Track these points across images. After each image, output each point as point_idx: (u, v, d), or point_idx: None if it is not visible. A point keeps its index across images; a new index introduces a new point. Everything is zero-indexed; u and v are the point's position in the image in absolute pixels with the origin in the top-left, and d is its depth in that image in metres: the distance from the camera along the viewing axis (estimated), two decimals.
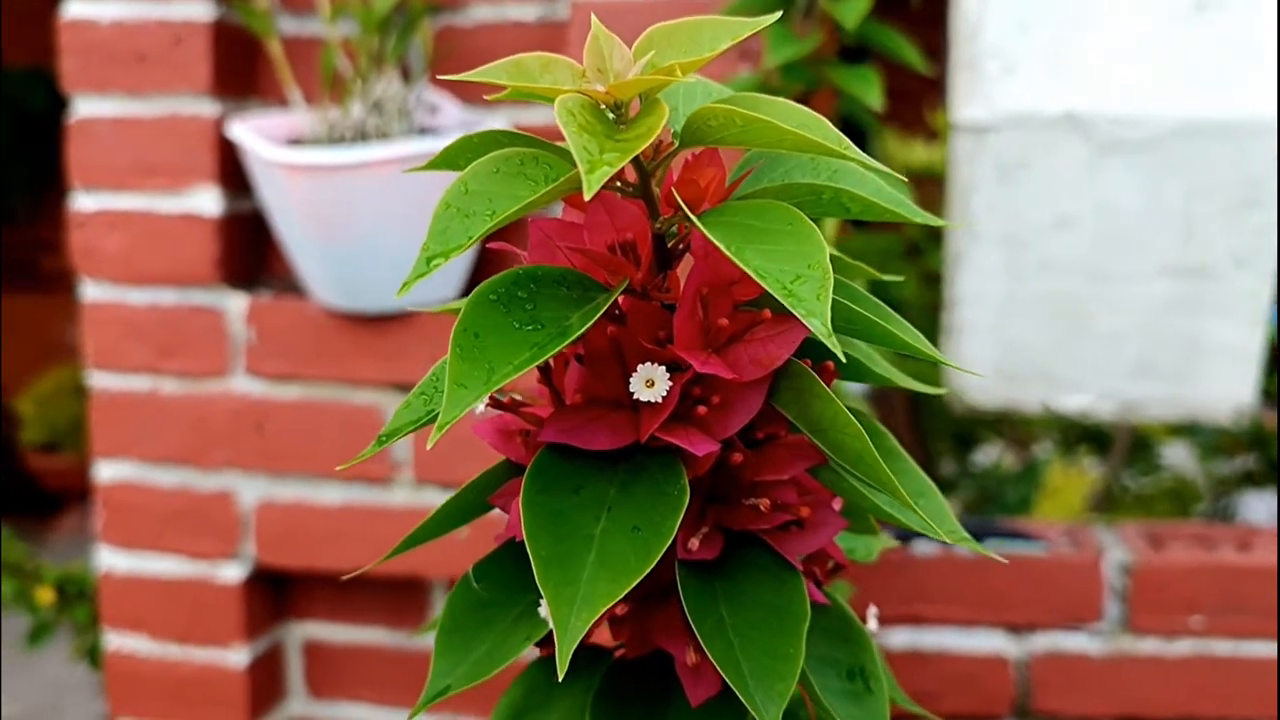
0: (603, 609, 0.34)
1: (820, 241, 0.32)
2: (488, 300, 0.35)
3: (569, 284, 0.36)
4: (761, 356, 0.36)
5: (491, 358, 0.34)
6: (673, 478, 0.36)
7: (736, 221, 0.34)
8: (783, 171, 0.38)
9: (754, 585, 0.39)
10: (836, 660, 0.43)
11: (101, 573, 1.18)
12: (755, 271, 0.31)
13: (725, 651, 0.37)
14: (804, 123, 0.34)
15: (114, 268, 1.13)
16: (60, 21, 1.11)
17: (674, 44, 0.35)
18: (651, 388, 0.36)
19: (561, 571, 0.34)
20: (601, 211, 0.36)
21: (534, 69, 0.34)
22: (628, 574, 0.35)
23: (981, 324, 1.19)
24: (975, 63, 1.14)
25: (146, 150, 1.11)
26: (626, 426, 0.37)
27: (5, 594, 1.26)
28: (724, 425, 0.37)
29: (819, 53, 0.97)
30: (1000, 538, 1.20)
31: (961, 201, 1.16)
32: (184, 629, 1.17)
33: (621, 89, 0.33)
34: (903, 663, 1.18)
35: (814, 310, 0.30)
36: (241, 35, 1.11)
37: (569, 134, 0.30)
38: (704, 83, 0.39)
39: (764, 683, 0.37)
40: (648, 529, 0.35)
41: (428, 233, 0.33)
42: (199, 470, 1.15)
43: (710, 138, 0.35)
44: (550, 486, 0.36)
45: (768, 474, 0.38)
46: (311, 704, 1.23)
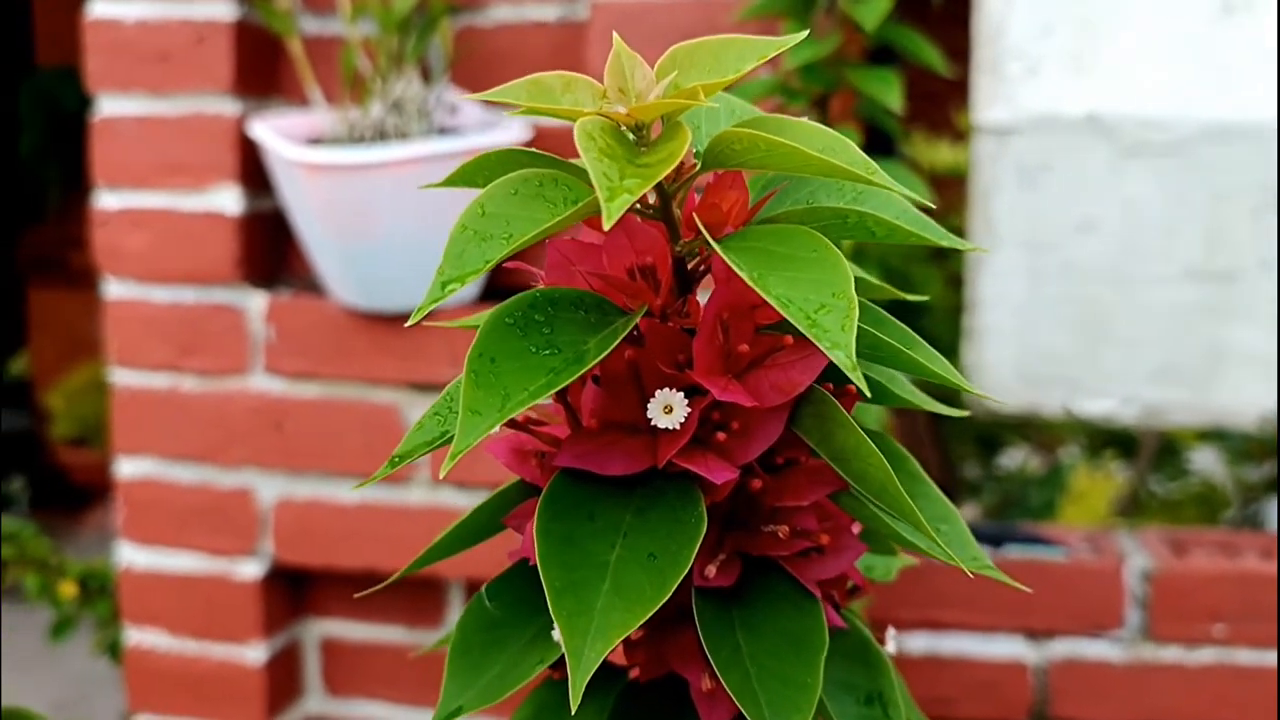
0: (617, 639, 0.34)
1: (846, 270, 0.32)
2: (504, 324, 0.34)
3: (587, 307, 0.35)
4: (783, 383, 0.35)
5: (507, 384, 0.33)
6: (690, 505, 0.36)
7: (759, 247, 0.33)
8: (807, 193, 0.37)
9: (772, 613, 0.39)
10: (854, 685, 0.43)
11: (121, 568, 1.19)
12: (777, 301, 0.30)
13: (742, 681, 0.37)
14: (829, 146, 0.33)
15: (136, 266, 1.13)
16: (85, 21, 1.12)
17: (697, 63, 0.34)
18: (670, 414, 0.35)
19: (575, 601, 0.34)
20: (621, 234, 0.35)
21: (555, 88, 0.34)
22: (643, 603, 0.34)
23: (1003, 327, 1.18)
24: (998, 64, 1.13)
25: (169, 149, 1.11)
26: (643, 452, 0.37)
27: (29, 588, 1.27)
28: (744, 451, 0.36)
29: (839, 54, 0.96)
30: (1020, 543, 1.19)
31: (983, 204, 1.15)
32: (202, 625, 1.18)
33: (643, 111, 0.32)
34: (921, 668, 1.18)
35: (838, 342, 0.30)
36: (263, 35, 1.11)
37: (589, 160, 0.30)
38: (727, 99, 0.39)
39: (780, 712, 0.37)
40: (664, 557, 0.35)
41: (443, 255, 0.33)
42: (218, 467, 1.15)
43: (733, 161, 0.34)
44: (564, 513, 0.36)
45: (788, 500, 0.38)
46: (328, 701, 1.24)
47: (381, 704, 1.23)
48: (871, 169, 0.33)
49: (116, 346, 1.14)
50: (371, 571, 1.13)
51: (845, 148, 0.33)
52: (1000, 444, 1.92)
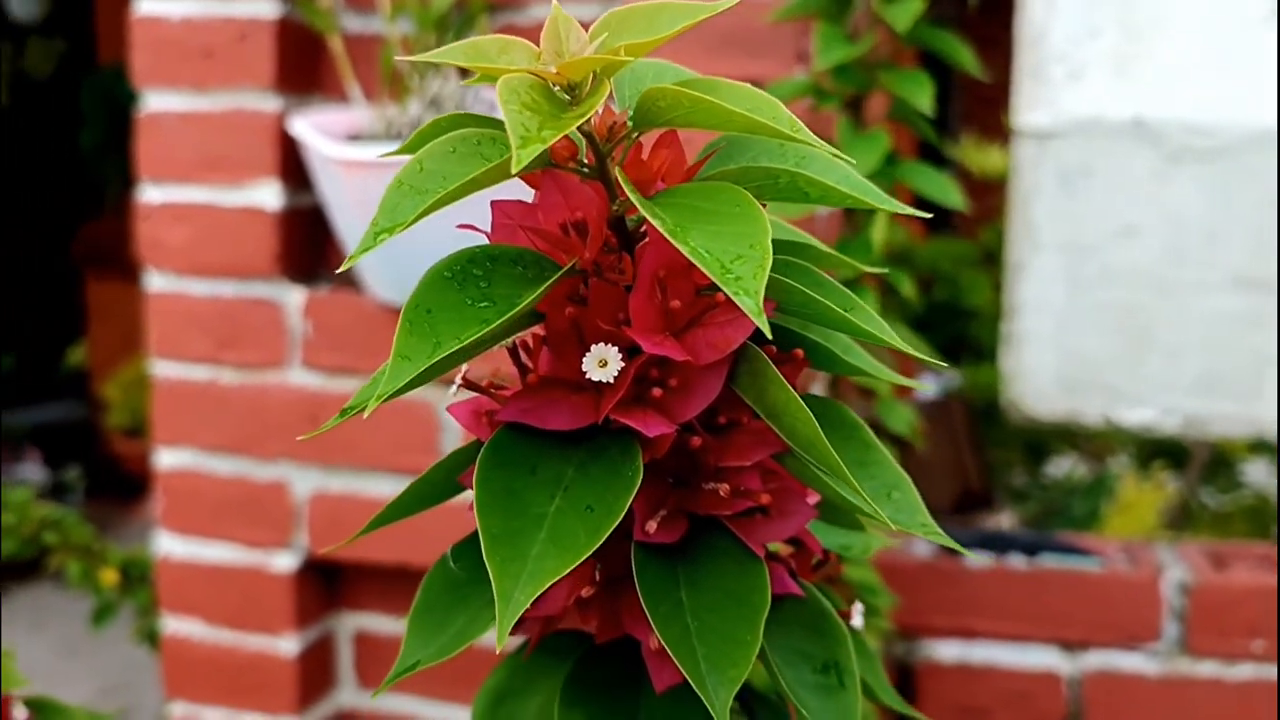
0: (547, 583, 0.34)
1: (764, 224, 0.32)
2: (442, 277, 0.35)
3: (525, 263, 0.36)
4: (717, 340, 0.36)
5: (440, 333, 0.34)
6: (629, 459, 0.36)
7: (685, 203, 0.33)
8: (750, 156, 0.37)
9: (716, 570, 0.39)
10: (810, 654, 0.43)
11: (160, 557, 1.21)
12: (692, 251, 0.31)
13: (681, 635, 0.37)
14: (755, 106, 0.33)
15: (178, 259, 1.16)
16: (132, 18, 1.15)
17: (630, 26, 0.35)
18: (604, 368, 0.36)
19: (510, 548, 0.35)
20: (555, 191, 0.36)
21: (491, 50, 0.35)
22: (575, 550, 0.35)
23: (1041, 333, 1.17)
24: (1040, 68, 1.12)
25: (211, 144, 1.13)
26: (588, 408, 0.37)
27: (71, 574, 1.30)
28: (683, 408, 0.37)
29: (873, 55, 0.96)
30: (1056, 552, 1.17)
31: (1022, 208, 1.14)
32: (238, 615, 1.20)
33: (571, 69, 0.33)
34: (951, 676, 1.16)
35: (747, 289, 0.30)
36: (305, 32, 1.14)
37: (506, 112, 0.31)
38: (673, 68, 0.39)
39: (717, 667, 0.37)
40: (599, 508, 0.35)
41: (379, 208, 0.34)
42: (255, 460, 1.17)
43: (660, 119, 0.34)
44: (505, 464, 0.36)
45: (731, 459, 0.38)
46: (361, 694, 1.25)
47: (413, 698, 1.24)
48: (797, 127, 0.33)
49: (157, 338, 1.17)
50: (404, 566, 1.15)
51: (773, 107, 0.33)
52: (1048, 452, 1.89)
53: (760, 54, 1.03)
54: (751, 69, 1.03)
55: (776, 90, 0.95)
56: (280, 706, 1.20)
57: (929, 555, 1.17)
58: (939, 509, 1.29)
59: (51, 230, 3.43)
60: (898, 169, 0.93)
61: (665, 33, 0.34)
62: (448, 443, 1.12)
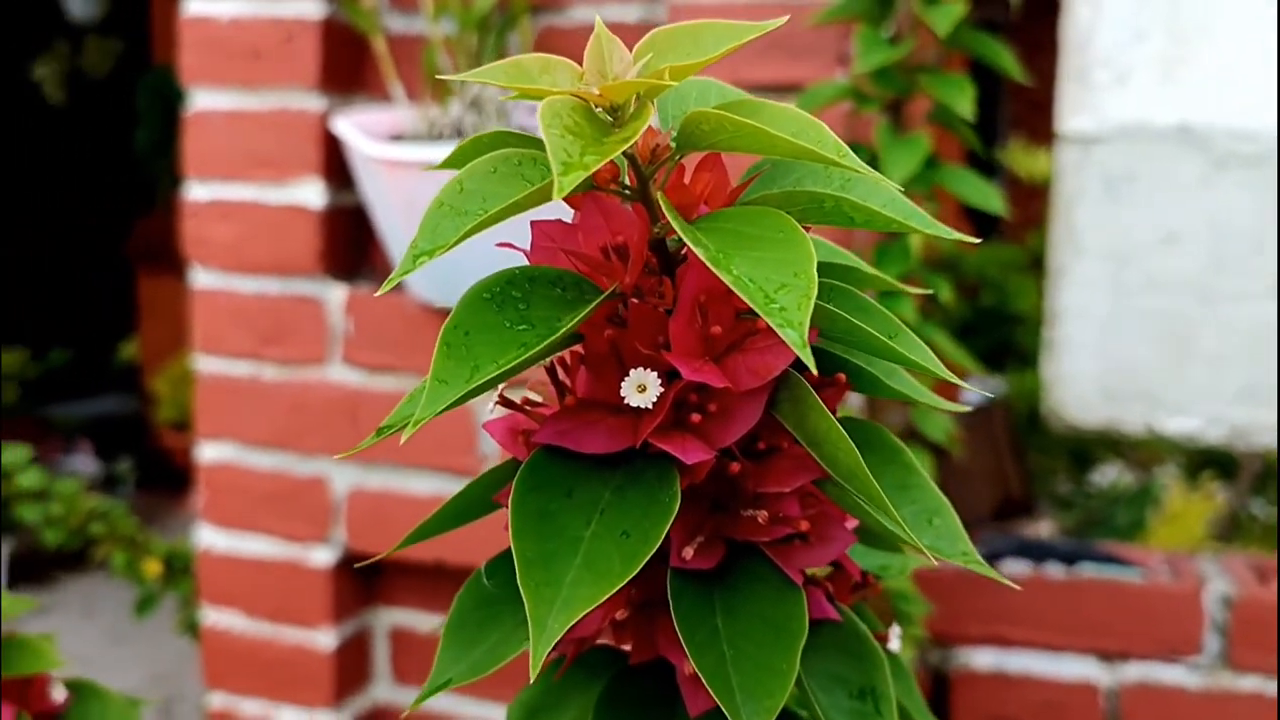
0: (582, 612, 0.34)
1: (809, 251, 0.32)
2: (481, 299, 0.35)
3: (565, 285, 0.36)
4: (758, 366, 0.35)
5: (478, 355, 0.34)
6: (667, 484, 0.36)
7: (729, 228, 0.33)
8: (794, 179, 0.37)
9: (753, 598, 0.39)
10: (846, 679, 0.42)
11: (201, 550, 1.23)
12: (735, 280, 0.31)
13: (716, 663, 0.37)
14: (800, 130, 0.33)
15: (222, 256, 1.17)
16: (182, 18, 1.16)
17: (675, 47, 0.35)
18: (643, 393, 0.36)
19: (545, 572, 0.35)
20: (596, 214, 0.36)
21: (533, 70, 0.34)
22: (610, 579, 0.35)
23: (1083, 340, 1.15)
24: (1085, 72, 1.10)
25: (256, 143, 1.14)
26: (626, 431, 0.37)
27: (115, 564, 1.31)
28: (722, 434, 0.37)
29: (915, 59, 0.95)
30: (1095, 561, 1.16)
31: (1065, 214, 1.13)
32: (276, 608, 1.21)
33: (614, 91, 0.33)
34: (986, 685, 1.16)
35: (791, 320, 0.30)
36: (349, 33, 1.14)
37: (547, 136, 0.31)
38: (717, 86, 0.39)
39: (752, 696, 0.37)
40: (636, 535, 0.35)
41: (419, 229, 0.34)
42: (295, 455, 1.18)
43: (704, 142, 0.34)
44: (541, 488, 0.36)
45: (770, 485, 0.38)
46: (396, 689, 1.26)
47: (450, 696, 1.24)
48: (842, 152, 0.33)
49: (201, 334, 1.18)
50: (440, 563, 1.15)
51: (818, 132, 0.33)
52: (1093, 459, 1.87)
53: (802, 57, 1.02)
54: (793, 72, 1.03)
55: (816, 93, 0.94)
56: (317, 700, 1.21)
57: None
58: (978, 516, 1.28)
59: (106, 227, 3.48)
60: (938, 173, 0.93)
61: (710, 55, 0.33)
62: (487, 443, 1.12)
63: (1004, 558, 1.17)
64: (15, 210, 3.55)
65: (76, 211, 3.58)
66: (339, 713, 1.21)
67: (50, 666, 0.64)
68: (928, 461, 0.96)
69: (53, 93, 2.82)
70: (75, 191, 3.53)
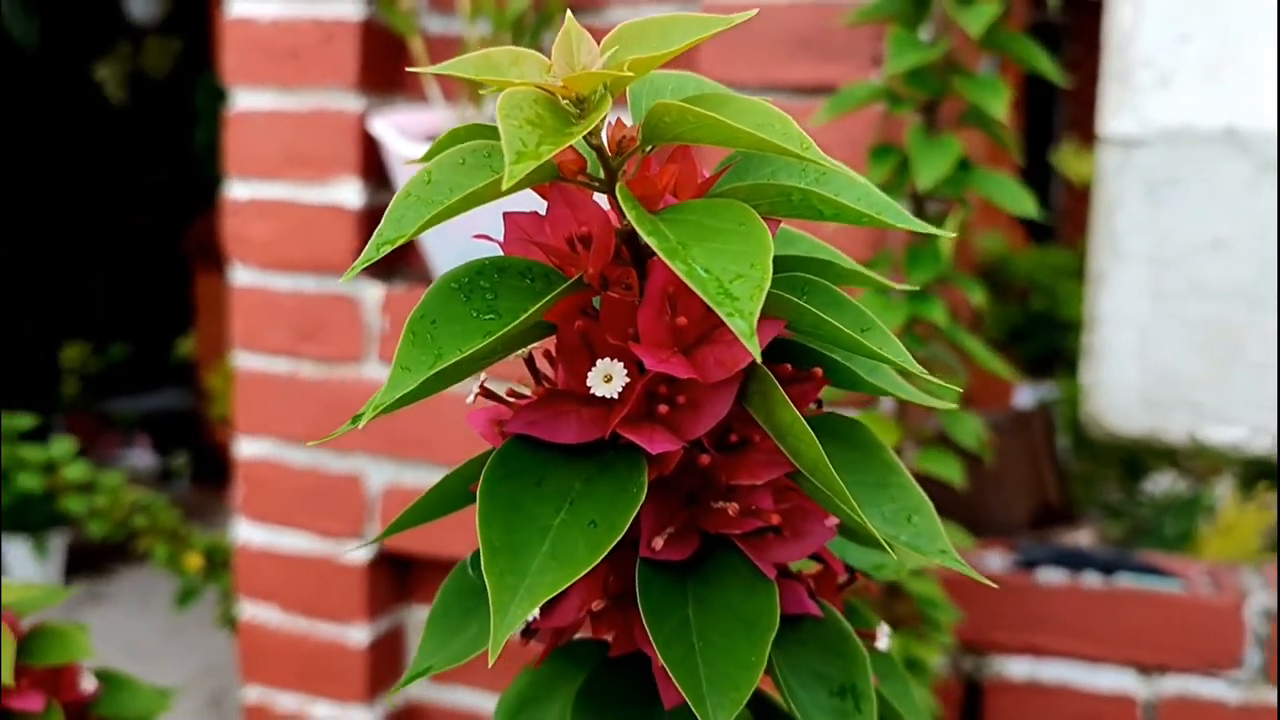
0: (544, 599, 0.34)
1: (767, 242, 0.31)
2: (450, 288, 0.35)
3: (534, 276, 0.36)
4: (725, 358, 0.35)
5: (441, 344, 0.34)
6: (635, 475, 0.36)
7: (691, 219, 0.33)
8: (769, 172, 0.37)
9: (725, 590, 0.38)
10: (827, 676, 0.42)
11: (238, 544, 1.24)
12: (687, 272, 0.30)
13: (684, 655, 0.37)
14: (764, 122, 0.33)
15: (261, 254, 1.18)
16: (224, 20, 1.17)
17: (643, 39, 0.35)
18: (609, 383, 0.36)
19: (510, 560, 0.35)
20: (562, 205, 0.36)
21: (503, 63, 0.35)
22: (574, 566, 0.35)
23: (1123, 347, 1.14)
24: (1127, 74, 1.09)
25: (295, 142, 1.16)
26: (598, 422, 0.37)
27: (158, 557, 1.34)
28: (692, 426, 0.36)
29: (950, 59, 0.94)
30: (1134, 572, 1.14)
31: (1105, 218, 1.11)
32: (311, 603, 1.22)
33: (576, 82, 0.33)
34: (1021, 694, 1.14)
35: (740, 310, 0.30)
36: (387, 34, 1.15)
37: (503, 126, 0.31)
38: (695, 79, 0.39)
39: (719, 688, 0.36)
40: (603, 524, 0.35)
41: (384, 218, 0.34)
42: (331, 452, 1.20)
43: (667, 134, 0.34)
44: (511, 476, 0.36)
45: (742, 478, 0.38)
46: (429, 687, 1.27)
47: (482, 692, 1.25)
48: (806, 145, 0.32)
49: (241, 330, 1.20)
50: None
51: (784, 125, 0.33)
52: (1145, 468, 1.83)
53: (835, 57, 1.02)
54: (826, 72, 1.02)
55: (849, 95, 0.94)
56: (350, 695, 1.22)
57: (1001, 570, 1.15)
58: (1014, 524, 1.27)
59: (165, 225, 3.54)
60: (970, 176, 0.92)
61: (675, 46, 0.33)
62: None
63: (1040, 566, 1.16)
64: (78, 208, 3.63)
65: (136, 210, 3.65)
66: (372, 708, 1.22)
67: (81, 656, 0.65)
68: (956, 467, 0.95)
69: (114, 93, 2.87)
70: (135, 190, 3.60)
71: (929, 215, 0.96)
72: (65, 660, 0.64)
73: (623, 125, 0.36)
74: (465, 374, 0.37)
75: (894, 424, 0.94)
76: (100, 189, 3.66)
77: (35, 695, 0.62)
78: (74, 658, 0.64)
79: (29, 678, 0.63)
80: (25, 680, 0.62)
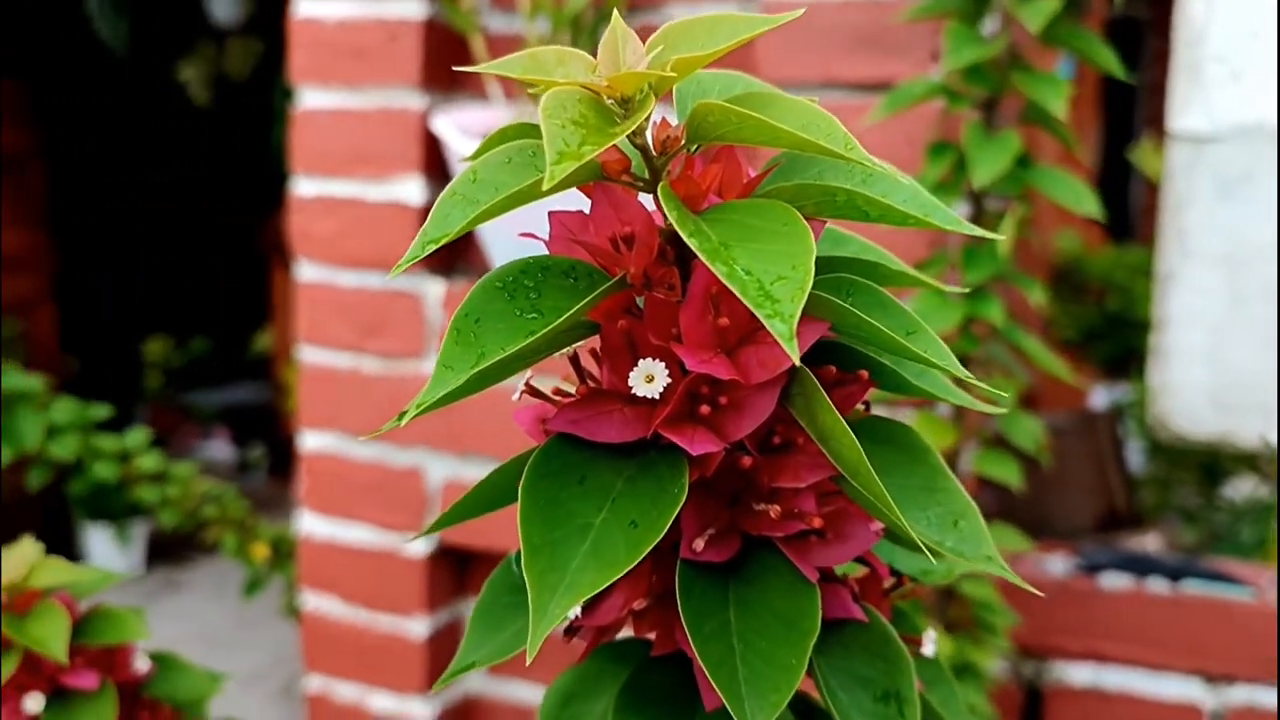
0: (583, 598, 0.34)
1: (809, 244, 0.31)
2: (494, 287, 0.35)
3: (577, 276, 0.36)
4: (768, 359, 0.35)
5: (485, 343, 0.34)
6: (677, 476, 0.36)
7: (734, 219, 0.33)
8: (815, 172, 0.37)
9: (767, 592, 0.38)
10: (871, 680, 0.42)
11: (302, 535, 1.26)
12: (727, 273, 0.30)
13: (723, 656, 0.37)
14: (808, 122, 0.33)
15: (326, 250, 1.20)
16: (292, 20, 1.19)
17: (689, 38, 0.35)
18: (650, 383, 0.36)
19: (550, 558, 0.35)
20: (606, 205, 0.36)
21: (549, 62, 0.35)
22: (614, 566, 0.35)
23: (1194, 348, 1.11)
24: (1197, 69, 1.07)
25: (359, 140, 1.17)
26: (640, 421, 0.37)
27: (226, 546, 1.36)
28: (734, 427, 0.36)
29: (1011, 55, 0.93)
30: (1201, 578, 1.12)
31: (1174, 216, 1.09)
32: (372, 595, 1.23)
33: (620, 82, 0.33)
34: (1082, 701, 1.12)
35: (779, 312, 0.29)
36: (449, 33, 1.16)
37: (545, 126, 0.31)
38: (743, 79, 0.39)
39: (758, 691, 0.36)
40: (643, 524, 0.35)
41: (430, 217, 0.34)
42: (393, 446, 1.21)
43: (711, 134, 0.34)
44: (553, 474, 0.37)
45: (784, 480, 0.38)
46: (487, 680, 1.28)
47: (538, 686, 1.26)
48: (850, 145, 0.32)
49: (306, 325, 1.22)
50: None
51: (828, 125, 0.33)
52: (1224, 472, 1.79)
53: (895, 54, 1.01)
54: (886, 69, 1.01)
55: (906, 91, 0.93)
56: (409, 686, 1.23)
57: (1063, 574, 1.13)
58: (1078, 527, 1.25)
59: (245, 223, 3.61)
60: (1029, 174, 0.90)
61: (721, 46, 0.33)
62: None
63: (1104, 570, 1.14)
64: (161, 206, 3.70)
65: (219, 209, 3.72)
66: (429, 700, 1.23)
67: (135, 637, 0.67)
68: (1014, 469, 0.94)
69: (198, 93, 2.92)
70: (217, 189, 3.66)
71: (988, 213, 0.95)
72: (120, 641, 0.65)
73: (668, 125, 0.35)
74: (509, 372, 0.38)
75: (951, 426, 0.93)
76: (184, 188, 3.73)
77: (89, 673, 0.63)
78: (128, 639, 0.66)
79: (84, 657, 0.64)
80: (80, 659, 0.64)
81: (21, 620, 0.63)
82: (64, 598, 0.65)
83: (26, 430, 1.16)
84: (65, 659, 0.60)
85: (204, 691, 0.71)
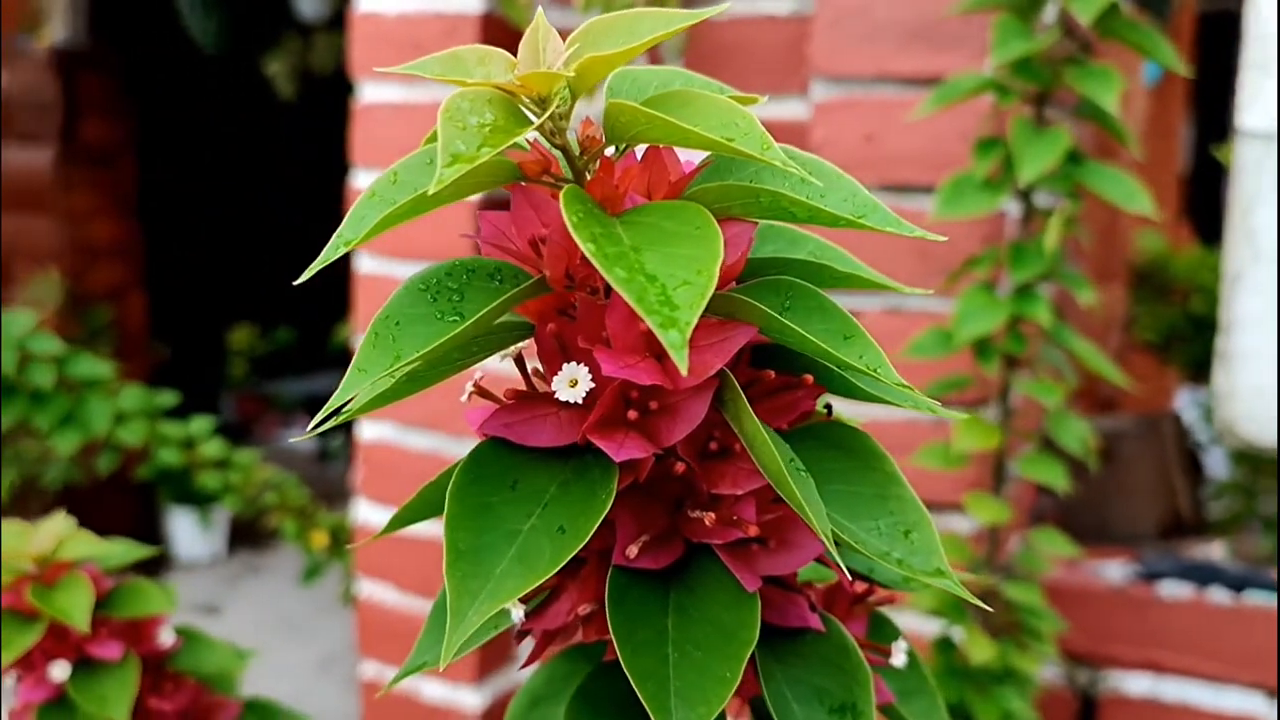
0: (505, 602, 0.34)
1: (718, 248, 0.30)
2: (417, 289, 0.35)
3: (503, 278, 0.36)
4: (695, 364, 0.34)
5: (402, 346, 0.34)
6: (606, 481, 0.36)
7: (650, 222, 0.32)
8: (751, 172, 0.36)
9: (709, 601, 0.37)
10: (826, 692, 0.41)
11: (358, 524, 1.28)
12: (625, 279, 0.29)
13: (655, 666, 0.36)
14: (726, 122, 0.32)
15: (384, 242, 1.21)
16: (353, 15, 1.21)
17: (611, 35, 0.34)
18: (574, 388, 0.35)
19: (474, 565, 0.35)
20: (526, 206, 0.35)
21: (469, 62, 0.34)
22: (537, 572, 0.34)
23: (1261, 351, 1.07)
24: (1267, 64, 1.02)
25: (418, 134, 1.18)
26: (574, 425, 0.37)
27: (287, 533, 1.38)
28: (668, 433, 0.36)
29: (1059, 50, 0.90)
30: (1263, 589, 1.08)
31: (1242, 215, 1.05)
32: (425, 584, 1.25)
33: (533, 82, 0.32)
34: (1138, 711, 1.09)
35: (672, 320, 0.29)
36: (505, 27, 1.16)
37: (440, 129, 0.31)
38: (682, 74, 0.38)
39: (688, 702, 0.36)
40: (570, 530, 0.35)
41: (346, 217, 0.34)
42: (448, 436, 1.22)
43: (625, 134, 0.33)
44: (484, 479, 0.36)
45: (723, 487, 0.37)
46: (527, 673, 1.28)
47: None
48: (766, 146, 0.31)
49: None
50: None
51: (747, 125, 0.32)
52: None
53: (947, 48, 0.98)
54: (937, 63, 0.99)
55: (955, 86, 0.91)
56: (461, 675, 1.24)
57: (1120, 581, 1.10)
58: (1140, 533, 1.21)
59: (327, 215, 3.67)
60: (1079, 170, 0.88)
61: (637, 43, 0.33)
62: None
63: (1164, 579, 1.10)
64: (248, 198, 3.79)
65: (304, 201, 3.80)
66: (480, 689, 1.24)
67: (161, 610, 0.68)
68: (1060, 472, 0.91)
69: (284, 88, 2.98)
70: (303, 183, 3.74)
71: (1038, 210, 0.92)
72: (145, 614, 0.67)
73: (590, 124, 0.35)
74: (441, 376, 0.37)
75: (995, 427, 0.91)
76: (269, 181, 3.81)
77: (113, 644, 0.65)
78: (154, 611, 0.67)
79: (108, 628, 0.66)
80: (104, 630, 0.65)
81: (49, 591, 0.65)
82: (92, 571, 0.67)
83: (95, 416, 1.20)
84: (87, 628, 0.62)
85: (229, 667, 0.72)
